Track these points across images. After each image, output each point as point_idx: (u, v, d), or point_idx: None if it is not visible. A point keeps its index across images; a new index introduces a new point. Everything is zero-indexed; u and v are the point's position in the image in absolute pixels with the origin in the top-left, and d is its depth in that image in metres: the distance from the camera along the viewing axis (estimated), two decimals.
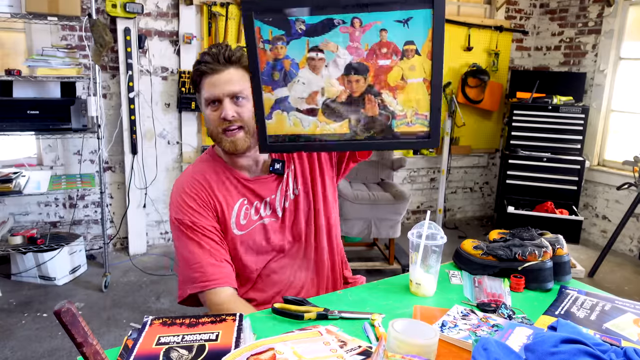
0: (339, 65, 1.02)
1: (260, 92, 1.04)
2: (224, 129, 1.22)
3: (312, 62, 1.02)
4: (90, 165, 3.48)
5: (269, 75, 1.04)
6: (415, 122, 1.03)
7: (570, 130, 4.05)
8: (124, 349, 0.89)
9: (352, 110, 1.04)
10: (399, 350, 0.85)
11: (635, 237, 3.90)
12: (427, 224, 1.21)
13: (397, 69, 1.01)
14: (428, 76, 0.99)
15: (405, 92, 1.02)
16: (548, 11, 4.63)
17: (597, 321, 1.08)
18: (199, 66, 1.23)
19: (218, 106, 1.22)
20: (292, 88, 1.04)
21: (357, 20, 0.98)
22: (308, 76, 1.03)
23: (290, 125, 1.07)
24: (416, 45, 0.97)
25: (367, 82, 1.02)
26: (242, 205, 1.29)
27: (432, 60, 0.97)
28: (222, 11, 3.50)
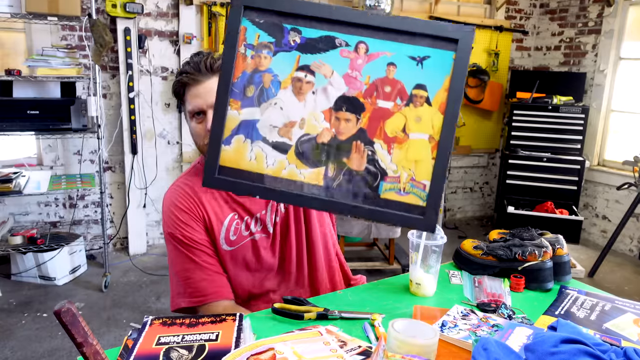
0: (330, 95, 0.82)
1: (224, 106, 0.84)
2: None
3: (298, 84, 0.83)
4: (90, 165, 3.48)
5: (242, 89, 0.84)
6: (410, 191, 0.82)
7: (570, 130, 4.05)
8: (124, 349, 0.89)
9: (334, 156, 0.83)
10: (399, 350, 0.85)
11: (635, 237, 3.90)
12: None
13: (399, 117, 0.81)
14: (436, 135, 0.79)
15: (405, 148, 0.81)
16: (548, 11, 4.63)
17: (597, 321, 1.08)
18: (180, 77, 1.17)
19: (203, 118, 1.17)
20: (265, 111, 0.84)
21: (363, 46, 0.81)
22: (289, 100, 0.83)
23: (250, 160, 0.85)
24: (428, 92, 0.79)
25: (359, 125, 0.82)
26: (233, 220, 1.25)
27: (444, 115, 0.78)
28: (222, 11, 3.50)
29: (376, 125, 0.81)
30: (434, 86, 0.79)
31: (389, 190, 0.81)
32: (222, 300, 1.21)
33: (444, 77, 0.78)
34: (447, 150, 0.78)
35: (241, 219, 1.25)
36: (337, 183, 0.83)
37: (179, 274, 1.23)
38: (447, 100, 0.78)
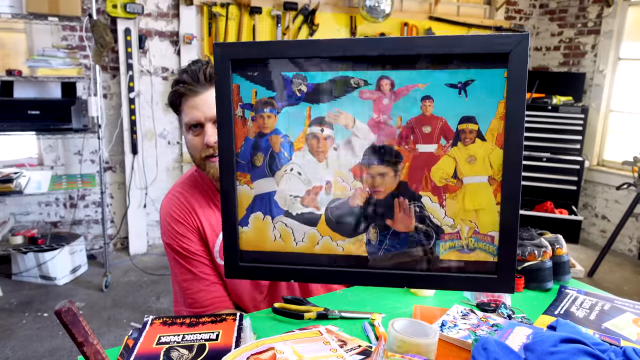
0: (355, 148, 0.69)
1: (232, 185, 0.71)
2: (207, 155, 1.13)
3: (314, 141, 0.70)
4: (91, 165, 3.49)
5: (248, 158, 0.71)
6: (475, 247, 0.68)
7: (569, 130, 4.05)
8: (124, 348, 0.89)
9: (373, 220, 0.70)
10: (399, 350, 0.86)
11: (634, 237, 3.90)
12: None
13: (447, 160, 0.67)
14: (497, 174, 0.65)
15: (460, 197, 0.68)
16: (547, 11, 4.63)
17: (597, 321, 1.08)
18: (177, 87, 1.12)
19: (200, 130, 1.12)
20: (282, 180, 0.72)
21: (387, 81, 0.65)
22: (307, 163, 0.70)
23: (275, 239, 0.73)
24: (479, 125, 0.65)
25: (398, 178, 0.69)
26: None
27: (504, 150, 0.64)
28: (222, 11, 3.50)
29: (420, 174, 0.67)
30: (485, 116, 0.64)
31: (450, 250, 0.68)
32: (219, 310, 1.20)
33: (496, 102, 0.63)
34: (515, 190, 0.63)
35: None
36: (383, 250, 0.70)
37: (179, 284, 1.23)
38: (505, 130, 0.63)
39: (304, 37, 3.77)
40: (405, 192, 0.68)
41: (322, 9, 3.77)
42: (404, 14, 4.09)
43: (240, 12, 3.55)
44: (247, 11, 3.56)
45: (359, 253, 0.70)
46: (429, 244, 0.68)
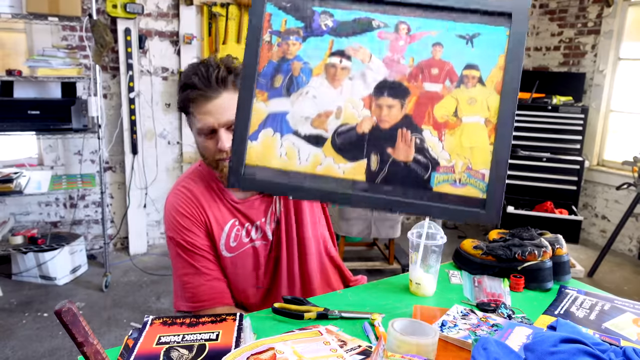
0: (368, 80, 0.75)
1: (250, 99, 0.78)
2: (221, 158, 1.13)
3: (332, 70, 0.76)
4: (91, 165, 3.49)
5: (269, 78, 0.78)
6: (467, 182, 0.74)
7: (569, 130, 4.05)
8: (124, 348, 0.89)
9: (376, 147, 0.75)
10: (399, 350, 0.86)
11: (634, 237, 3.90)
12: (427, 224, 1.21)
13: (449, 100, 0.73)
14: (493, 117, 0.72)
15: (458, 134, 0.73)
16: (547, 11, 4.63)
17: (597, 321, 1.08)
18: (187, 92, 1.09)
19: (213, 135, 1.11)
20: (296, 101, 0.77)
21: (404, 26, 0.74)
22: (323, 88, 0.76)
23: (281, 156, 0.77)
24: (480, 72, 0.72)
25: (404, 111, 0.75)
26: (234, 227, 1.24)
27: (501, 96, 0.71)
28: (222, 11, 3.50)
29: (424, 110, 0.73)
30: (487, 65, 0.71)
31: (443, 182, 0.73)
32: (217, 307, 1.21)
33: (497, 55, 0.71)
34: (508, 133, 0.70)
35: (242, 226, 1.25)
36: (382, 177, 0.75)
37: (180, 278, 1.23)
38: (503, 79, 0.71)
39: None
40: (409, 125, 0.74)
41: None
42: None
43: (240, 12, 3.55)
44: (247, 11, 3.56)
45: (358, 177, 0.75)
46: (425, 175, 0.74)
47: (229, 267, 1.25)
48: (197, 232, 1.21)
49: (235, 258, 1.25)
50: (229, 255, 1.24)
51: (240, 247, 1.25)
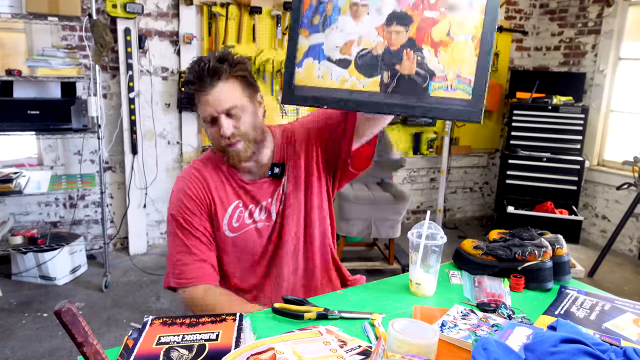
0: (382, 13, 0.95)
1: (296, 36, 1.02)
2: (226, 144, 1.24)
3: (355, 8, 0.97)
4: (91, 165, 3.49)
5: (309, 19, 1.02)
6: (457, 88, 0.90)
7: (570, 130, 4.05)
8: (124, 348, 0.89)
9: (387, 65, 0.95)
10: (399, 350, 0.85)
11: (634, 237, 3.90)
12: (427, 224, 1.21)
13: (444, 23, 0.90)
14: (478, 34, 0.87)
15: (450, 50, 0.90)
16: (548, 11, 4.63)
17: (597, 321, 1.08)
18: (188, 88, 1.22)
19: (215, 123, 1.23)
20: (329, 35, 1.00)
21: None
22: (347, 23, 0.98)
23: (318, 77, 1.01)
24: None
25: (408, 35, 0.93)
26: (237, 208, 1.31)
27: (485, 16, 0.86)
28: (222, 11, 3.50)
29: (424, 33, 0.91)
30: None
31: (438, 89, 0.91)
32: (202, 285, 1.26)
33: None
34: (489, 45, 0.85)
35: (245, 207, 1.31)
36: (392, 88, 0.95)
37: (172, 255, 1.29)
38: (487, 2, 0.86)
39: None
40: (412, 46, 0.93)
41: None
42: None
43: (240, 12, 3.55)
44: (247, 11, 3.56)
45: (375, 89, 0.97)
46: (424, 84, 0.92)
47: (231, 247, 1.31)
48: (199, 215, 1.28)
49: (237, 238, 1.31)
50: (231, 235, 1.30)
51: (243, 228, 1.31)
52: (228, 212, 1.30)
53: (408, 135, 4.35)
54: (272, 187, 1.33)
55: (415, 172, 4.53)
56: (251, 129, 1.24)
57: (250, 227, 1.32)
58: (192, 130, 3.65)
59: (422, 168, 4.54)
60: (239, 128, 1.22)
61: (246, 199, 1.32)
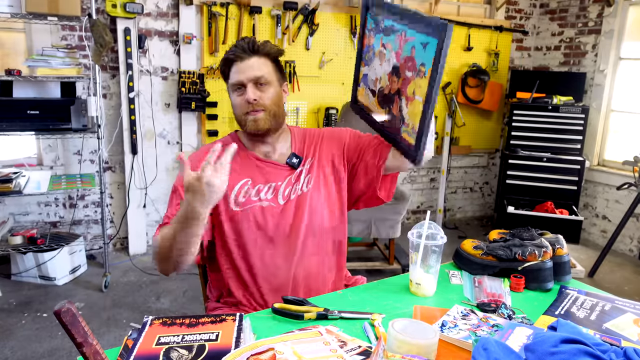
0: (391, 63, 1.22)
1: (359, 65, 1.42)
2: (247, 111, 1.31)
3: (381, 54, 1.27)
4: (90, 165, 3.48)
5: (364, 54, 1.38)
6: (412, 135, 1.13)
7: (570, 130, 4.05)
8: (124, 349, 0.89)
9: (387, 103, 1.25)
10: (399, 350, 0.85)
11: (635, 237, 3.90)
12: (427, 224, 1.21)
13: (412, 84, 1.13)
14: (424, 96, 1.08)
15: (412, 105, 1.14)
16: (548, 11, 4.63)
17: (597, 321, 1.08)
18: (227, 55, 1.32)
19: (243, 91, 1.31)
20: (369, 69, 1.35)
21: (404, 33, 1.15)
22: (377, 64, 1.30)
23: (364, 96, 1.41)
24: (425, 68, 1.07)
25: (397, 85, 1.20)
26: (245, 185, 1.34)
27: (429, 83, 1.07)
28: (222, 11, 3.50)
29: (404, 87, 1.16)
30: (428, 64, 1.06)
31: (404, 132, 1.18)
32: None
33: (432, 58, 1.04)
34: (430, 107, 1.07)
35: (253, 185, 1.35)
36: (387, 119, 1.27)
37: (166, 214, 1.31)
38: (430, 75, 1.05)
39: (303, 37, 3.77)
40: (399, 94, 1.19)
41: (322, 8, 3.77)
42: None
43: (240, 12, 3.55)
44: (247, 11, 3.56)
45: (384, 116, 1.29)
46: (399, 125, 1.20)
47: (234, 221, 1.33)
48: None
49: (241, 213, 1.33)
50: (236, 209, 1.33)
51: (248, 204, 1.34)
52: (236, 188, 1.33)
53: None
54: (285, 173, 1.38)
55: (415, 172, 4.53)
56: (273, 104, 1.33)
57: (255, 204, 1.34)
58: (192, 130, 3.65)
59: (422, 168, 4.54)
60: (262, 99, 1.31)
61: (257, 176, 1.36)
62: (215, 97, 3.59)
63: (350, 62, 3.95)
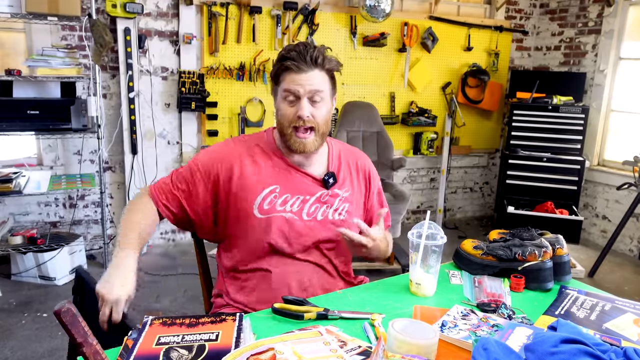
0: None
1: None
2: (296, 126, 1.25)
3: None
4: (90, 165, 3.48)
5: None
6: None
7: (570, 130, 4.04)
8: (124, 349, 0.89)
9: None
10: (399, 350, 0.85)
11: (635, 237, 3.90)
12: (427, 224, 1.21)
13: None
14: None
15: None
16: (548, 11, 4.63)
17: (597, 321, 1.08)
18: (284, 61, 1.24)
19: (295, 102, 1.25)
20: None
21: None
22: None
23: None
24: None
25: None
26: (272, 192, 1.30)
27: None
28: (222, 11, 3.50)
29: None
30: None
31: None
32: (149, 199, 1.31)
33: None
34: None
35: (281, 193, 1.30)
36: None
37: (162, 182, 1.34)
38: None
39: (303, 37, 3.77)
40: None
41: (322, 8, 3.77)
42: (404, 13, 4.08)
43: (240, 12, 3.55)
44: (247, 11, 3.56)
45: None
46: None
47: (257, 227, 1.30)
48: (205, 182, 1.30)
49: (265, 221, 1.29)
50: (259, 216, 1.29)
51: (271, 212, 1.30)
52: (263, 193, 1.29)
53: (408, 135, 4.35)
54: (317, 189, 1.33)
55: (415, 172, 4.53)
56: (324, 122, 1.28)
57: (279, 214, 1.30)
58: (192, 130, 3.65)
59: (422, 168, 4.54)
60: (315, 116, 1.25)
61: (286, 185, 1.31)
62: (215, 97, 3.59)
63: (350, 62, 3.95)
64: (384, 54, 4.07)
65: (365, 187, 1.44)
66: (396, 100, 4.19)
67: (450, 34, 4.26)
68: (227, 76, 3.59)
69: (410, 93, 4.25)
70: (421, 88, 4.25)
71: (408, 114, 4.20)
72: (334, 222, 1.34)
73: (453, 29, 4.27)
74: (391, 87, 4.17)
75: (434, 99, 4.35)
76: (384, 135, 3.65)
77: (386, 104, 4.18)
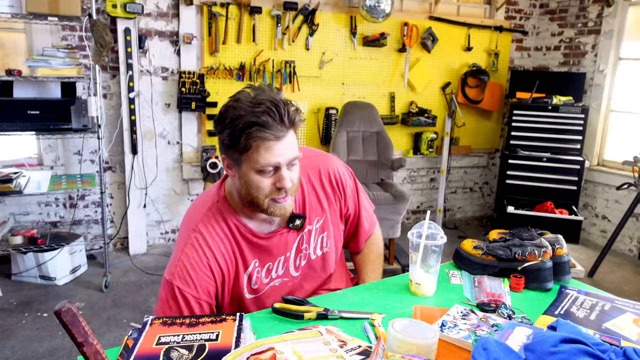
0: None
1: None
2: (274, 198, 1.10)
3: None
4: (91, 165, 3.48)
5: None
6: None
7: (570, 130, 4.05)
8: (124, 348, 0.89)
9: None
10: (399, 350, 0.85)
11: (634, 237, 3.90)
12: (427, 224, 1.21)
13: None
14: None
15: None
16: (548, 11, 4.63)
17: (597, 321, 1.08)
18: (256, 129, 1.02)
19: (271, 173, 1.08)
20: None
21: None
22: None
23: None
24: None
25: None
26: (254, 269, 1.20)
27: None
28: (222, 11, 3.50)
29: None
30: None
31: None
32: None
33: None
34: None
35: (262, 266, 1.21)
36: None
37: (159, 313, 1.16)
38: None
39: (303, 37, 3.77)
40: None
41: (322, 8, 3.77)
42: (404, 13, 4.09)
43: (240, 12, 3.55)
44: (247, 11, 3.56)
45: None
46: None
47: (251, 306, 1.23)
48: (204, 287, 1.13)
49: (256, 299, 1.23)
50: (250, 297, 1.22)
51: (262, 289, 1.23)
52: (247, 274, 1.19)
53: (408, 135, 4.35)
54: (291, 240, 1.23)
55: (415, 172, 4.53)
56: (298, 181, 1.16)
57: (267, 287, 1.23)
58: (192, 130, 3.65)
59: (422, 168, 4.54)
60: (293, 180, 1.11)
61: (263, 256, 1.20)
62: (215, 97, 3.59)
63: (350, 62, 3.95)
64: (384, 54, 4.07)
65: (338, 196, 1.32)
66: (396, 100, 4.19)
67: (450, 34, 4.26)
68: (227, 76, 3.59)
69: (410, 93, 4.25)
70: (421, 88, 4.25)
71: (408, 114, 4.21)
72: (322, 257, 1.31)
73: (453, 29, 4.27)
74: (391, 87, 4.17)
75: (433, 99, 4.36)
76: (384, 135, 3.66)
77: (386, 104, 4.18)
